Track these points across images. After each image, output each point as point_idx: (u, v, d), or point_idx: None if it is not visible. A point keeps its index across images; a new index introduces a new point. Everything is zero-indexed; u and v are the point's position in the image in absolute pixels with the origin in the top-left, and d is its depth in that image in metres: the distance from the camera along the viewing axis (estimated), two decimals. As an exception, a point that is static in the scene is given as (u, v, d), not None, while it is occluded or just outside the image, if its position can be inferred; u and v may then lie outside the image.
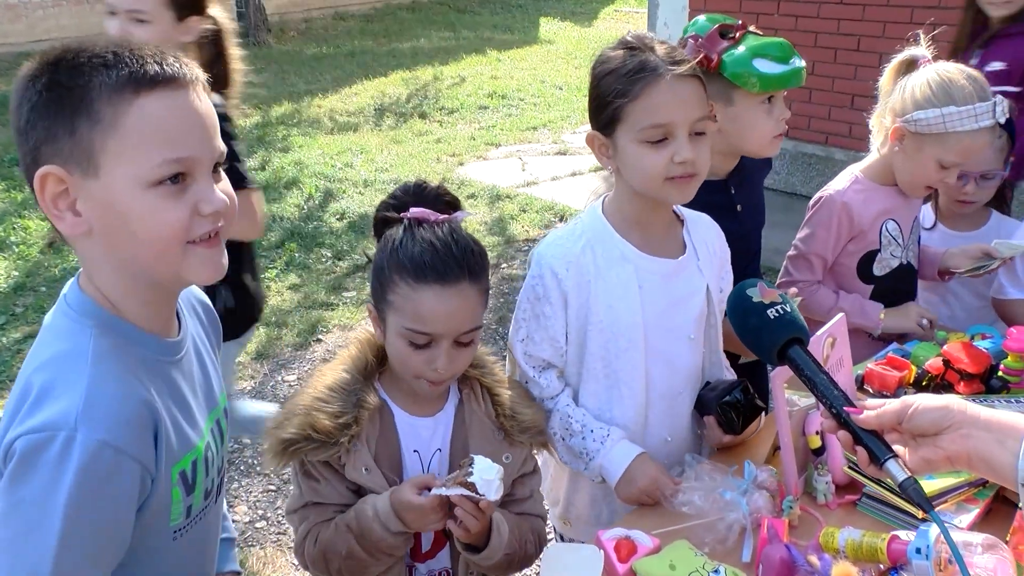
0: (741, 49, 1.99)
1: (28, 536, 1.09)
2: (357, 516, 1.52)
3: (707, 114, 1.70)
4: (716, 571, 1.48)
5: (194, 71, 1.18)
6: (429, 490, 1.47)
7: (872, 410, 1.18)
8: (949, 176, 2.19)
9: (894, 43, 2.26)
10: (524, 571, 1.74)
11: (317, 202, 6.82)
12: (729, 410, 1.85)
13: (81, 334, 1.17)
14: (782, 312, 1.30)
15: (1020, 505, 1.51)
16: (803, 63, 2.04)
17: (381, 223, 1.60)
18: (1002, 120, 2.13)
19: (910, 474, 1.11)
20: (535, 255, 1.85)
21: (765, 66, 1.97)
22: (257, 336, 4.79)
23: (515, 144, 8.53)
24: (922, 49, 2.23)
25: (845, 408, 1.19)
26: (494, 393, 1.68)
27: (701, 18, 2.10)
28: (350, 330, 4.88)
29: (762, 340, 1.31)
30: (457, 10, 16.76)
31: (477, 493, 1.41)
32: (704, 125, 1.69)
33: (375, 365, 1.64)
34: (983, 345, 2.06)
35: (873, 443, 1.16)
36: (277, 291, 5.36)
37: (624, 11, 16.95)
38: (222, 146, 1.20)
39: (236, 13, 12.74)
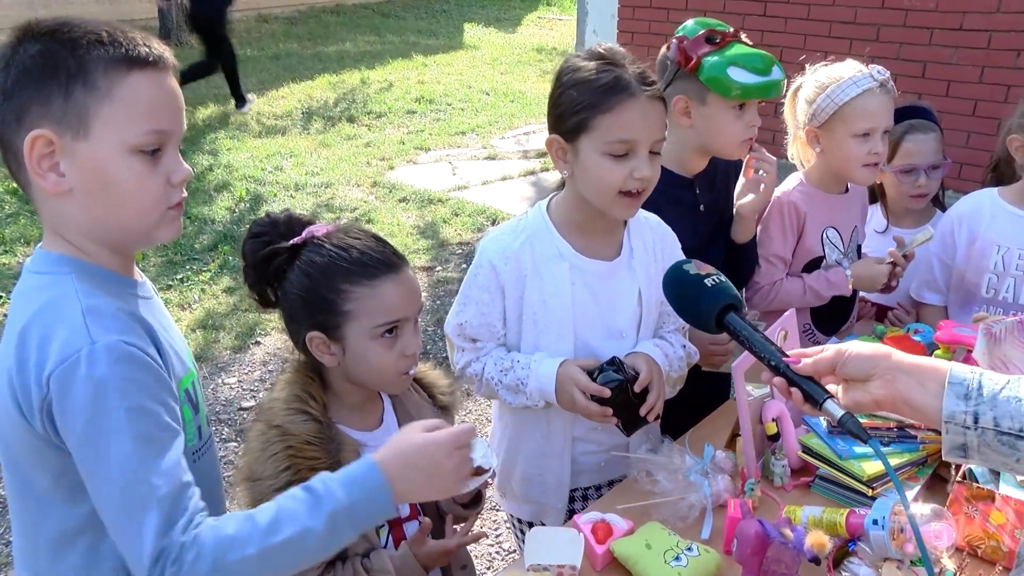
0: (719, 56, 2.07)
1: (109, 453, 1.17)
2: None
3: (664, 135, 1.80)
4: (689, 548, 1.58)
5: (172, 58, 1.32)
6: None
7: (809, 358, 1.29)
8: (873, 145, 2.31)
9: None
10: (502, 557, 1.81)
11: (248, 205, 6.75)
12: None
13: (62, 281, 1.26)
14: (718, 281, 1.40)
15: (956, 479, 1.67)
16: (782, 75, 2.12)
17: (266, 259, 1.59)
18: (880, 79, 2.28)
19: (846, 410, 1.22)
20: (479, 247, 1.96)
21: (738, 75, 2.06)
22: (194, 339, 4.74)
23: (444, 148, 8.58)
24: (808, 74, 2.40)
25: (783, 359, 1.30)
26: (416, 377, 1.79)
27: (690, 22, 2.17)
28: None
29: (701, 308, 1.40)
30: (382, 14, 16.70)
31: (484, 472, 1.54)
32: (660, 145, 1.79)
33: (322, 394, 1.62)
34: (917, 339, 2.22)
35: (810, 387, 1.27)
36: (212, 294, 5.30)
37: (548, 18, 17.19)
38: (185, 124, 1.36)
39: (157, 12, 12.45)
